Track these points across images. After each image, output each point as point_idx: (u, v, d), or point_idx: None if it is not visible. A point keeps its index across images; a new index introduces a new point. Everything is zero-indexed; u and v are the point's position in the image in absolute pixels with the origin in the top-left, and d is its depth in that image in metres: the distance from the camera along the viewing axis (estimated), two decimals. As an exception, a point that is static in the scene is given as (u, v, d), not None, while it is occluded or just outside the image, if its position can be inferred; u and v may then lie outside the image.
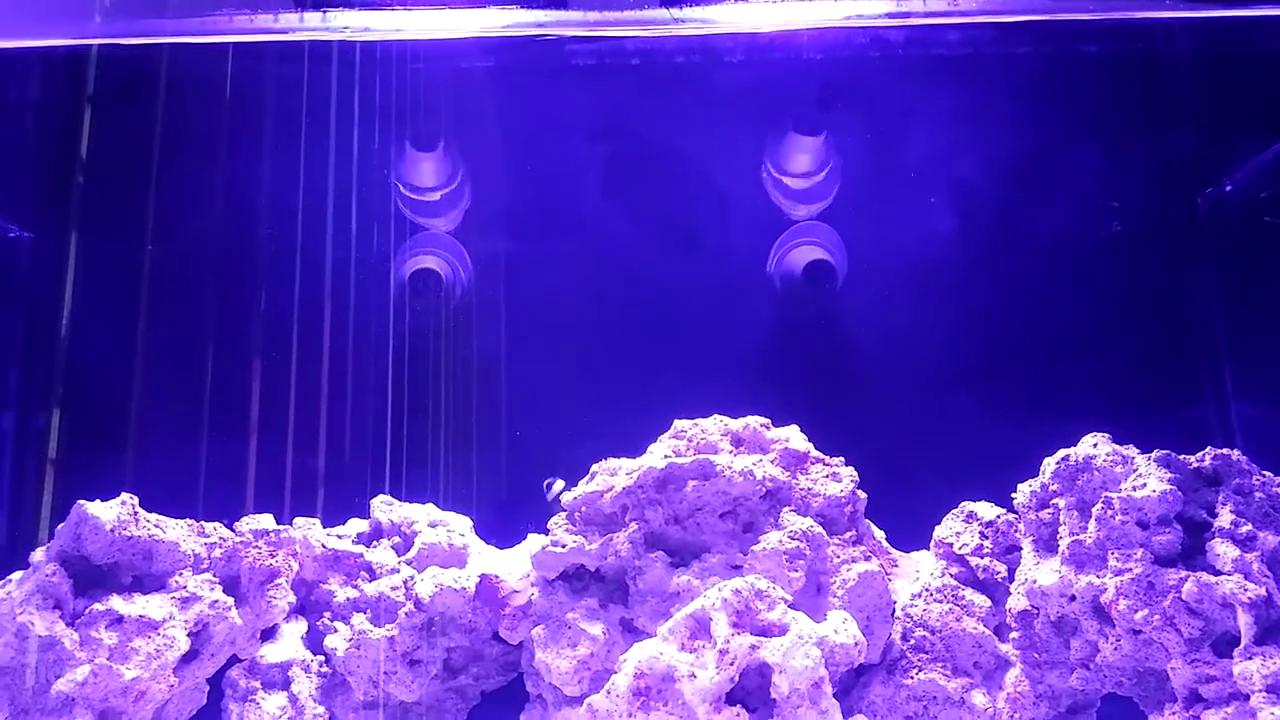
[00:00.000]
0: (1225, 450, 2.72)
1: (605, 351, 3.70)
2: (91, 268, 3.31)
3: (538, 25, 2.77)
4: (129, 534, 2.55)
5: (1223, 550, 2.52)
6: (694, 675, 2.32)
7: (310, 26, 2.76)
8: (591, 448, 2.89)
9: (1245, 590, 2.43)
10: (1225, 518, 2.58)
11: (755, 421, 2.95)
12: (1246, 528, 2.55)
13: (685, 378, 3.56)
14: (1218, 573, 2.50)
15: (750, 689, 2.40)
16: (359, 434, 3.44)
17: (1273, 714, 2.30)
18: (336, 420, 3.46)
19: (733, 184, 3.72)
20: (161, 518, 2.66)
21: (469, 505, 3.17)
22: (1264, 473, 2.70)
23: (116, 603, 2.46)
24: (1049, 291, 3.57)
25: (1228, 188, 3.66)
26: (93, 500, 2.60)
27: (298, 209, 3.47)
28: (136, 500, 2.62)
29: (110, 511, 2.56)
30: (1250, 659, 2.38)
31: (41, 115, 3.30)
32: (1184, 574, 2.50)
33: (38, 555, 2.53)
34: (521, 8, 2.77)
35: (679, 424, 2.94)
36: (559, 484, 2.87)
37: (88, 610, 2.44)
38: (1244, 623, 2.41)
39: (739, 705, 2.35)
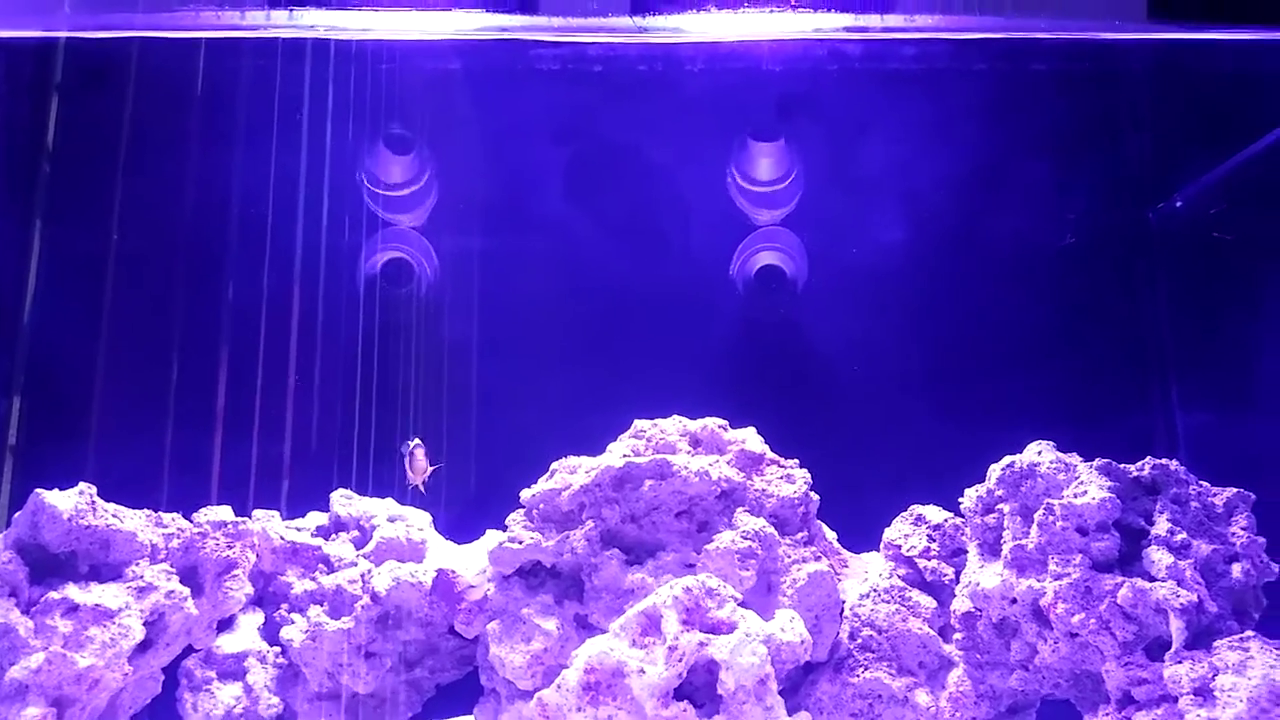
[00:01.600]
0: (1164, 460, 2.81)
1: (568, 350, 3.74)
2: (55, 256, 3.31)
3: (504, 30, 2.81)
4: (86, 523, 2.57)
5: (1158, 557, 2.60)
6: (643, 671, 2.37)
7: (278, 24, 2.78)
8: (552, 445, 2.93)
9: (1178, 596, 2.51)
10: (1162, 525, 2.67)
11: (713, 423, 3.00)
12: (1181, 536, 2.64)
13: (647, 378, 3.60)
14: (1152, 579, 2.58)
15: (698, 685, 2.46)
16: (321, 428, 3.46)
17: (1199, 715, 2.38)
18: (299, 414, 3.48)
19: (697, 189, 3.78)
20: (119, 508, 2.67)
21: (430, 501, 3.20)
22: (1201, 483, 2.79)
23: (72, 591, 2.48)
24: (1002, 300, 3.65)
25: (1178, 203, 3.76)
26: (51, 489, 2.61)
27: (264, 203, 3.48)
28: (95, 490, 2.64)
29: (68, 500, 2.58)
30: (1180, 663, 2.46)
31: (7, 104, 3.29)
32: (1120, 579, 2.58)
33: (-7, 543, 2.54)
34: (489, 11, 2.80)
35: (638, 424, 2.99)
36: (414, 441, 2.91)
37: (43, 598, 2.45)
38: (1175, 628, 2.49)
39: (686, 701, 2.41)
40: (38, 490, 2.58)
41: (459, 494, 3.49)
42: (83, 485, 2.62)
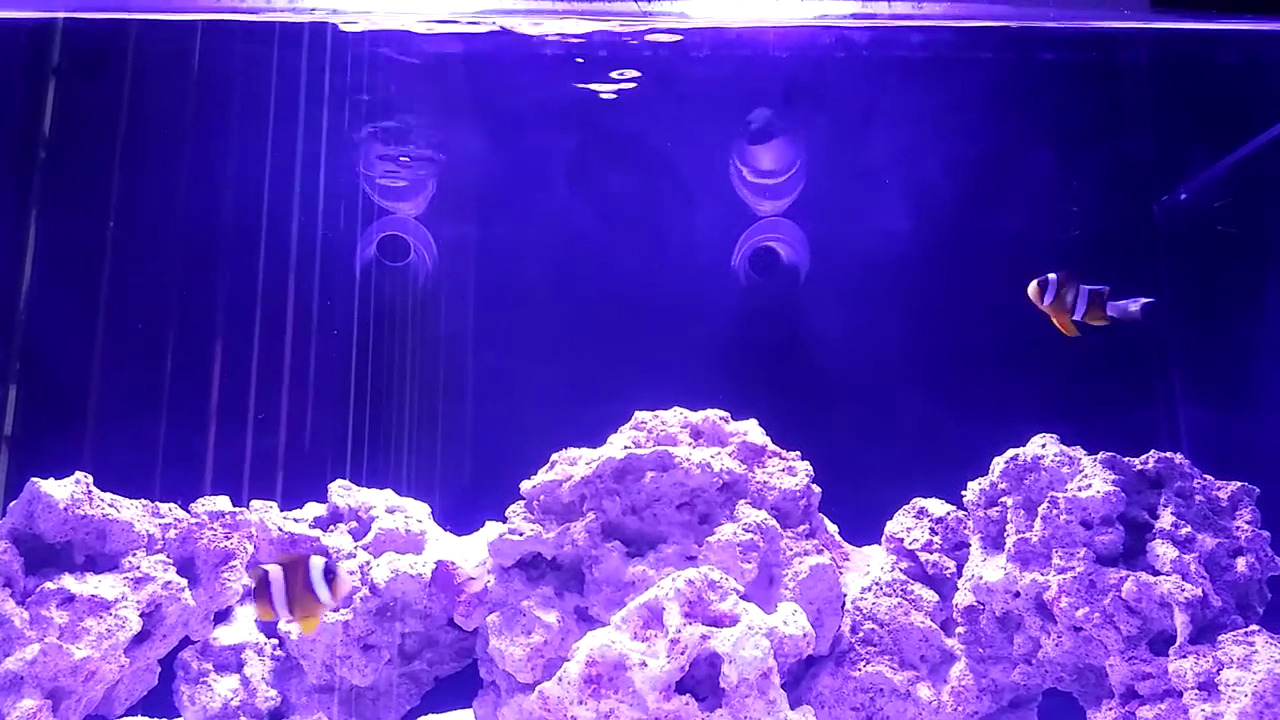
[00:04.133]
0: (1168, 454, 2.79)
1: (569, 341, 3.72)
2: (51, 244, 3.28)
3: (507, 13, 2.77)
4: (82, 513, 2.54)
5: (1162, 551, 2.59)
6: (645, 664, 2.35)
7: (279, 7, 2.74)
8: (552, 436, 2.91)
9: (1182, 590, 2.50)
10: (1166, 519, 2.65)
11: (715, 414, 2.98)
12: (1186, 530, 2.63)
13: (648, 369, 3.58)
14: (1157, 573, 2.57)
15: (700, 678, 2.44)
16: (319, 419, 3.43)
17: (1204, 710, 2.37)
18: (297, 404, 3.45)
19: (700, 179, 3.75)
20: (116, 497, 2.65)
21: (429, 492, 3.17)
22: (1205, 476, 2.78)
23: (68, 582, 2.46)
24: (1006, 293, 3.63)
25: (1183, 196, 3.74)
26: (47, 478, 2.58)
27: (261, 192, 3.45)
28: (91, 479, 2.61)
29: (64, 490, 2.55)
30: (1184, 657, 2.45)
31: (2, 88, 3.25)
32: (1124, 573, 2.57)
33: (-11, 532, 2.52)
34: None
35: (639, 415, 2.97)
36: None
37: (39, 589, 2.43)
38: (1180, 622, 2.48)
39: (689, 694, 2.39)
40: (33, 479, 2.55)
41: (458, 484, 3.47)
42: (79, 474, 2.59)
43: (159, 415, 3.36)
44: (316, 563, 2.06)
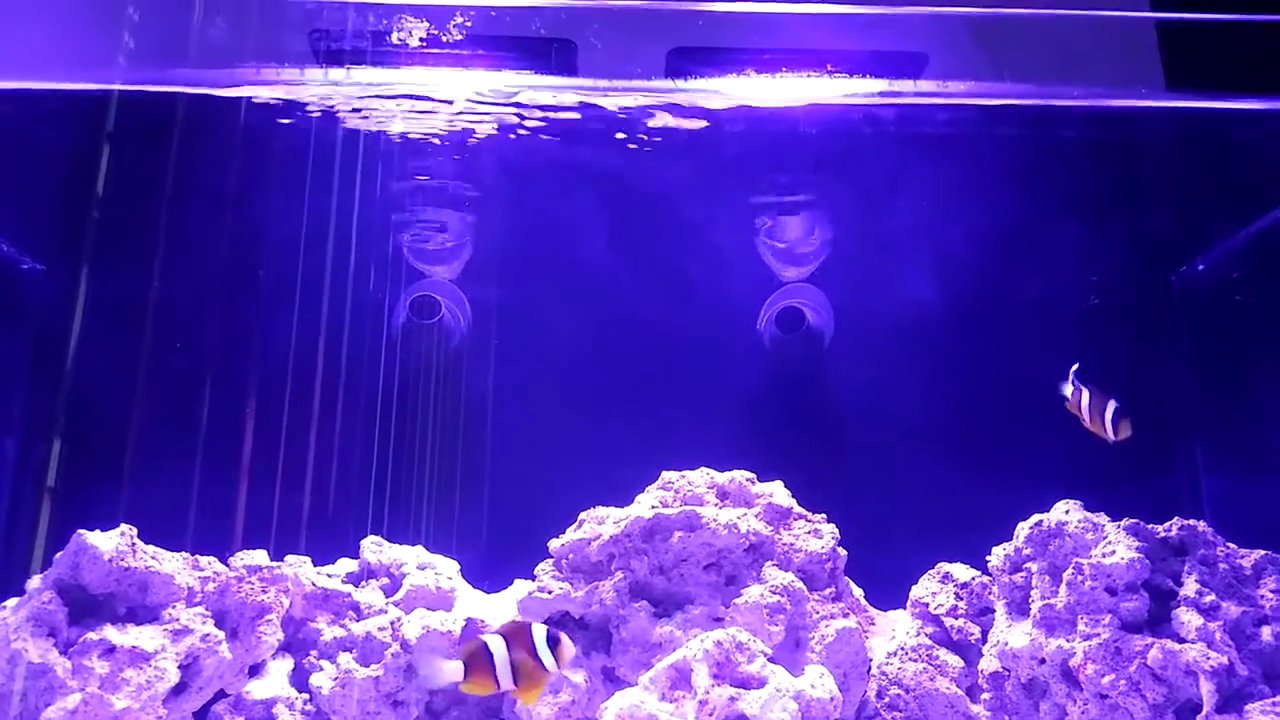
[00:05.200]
0: (1192, 521, 2.82)
1: (598, 401, 3.78)
2: (99, 302, 3.38)
3: (552, 90, 2.90)
4: (126, 565, 2.60)
5: (1187, 618, 2.60)
6: (673, 724, 2.37)
7: (332, 81, 2.87)
8: (581, 495, 2.96)
9: (1208, 659, 2.51)
10: (1190, 587, 2.67)
11: (741, 476, 3.03)
12: (1210, 597, 2.64)
13: (675, 430, 3.64)
14: (1182, 640, 2.58)
15: (728, 740, 2.45)
16: (351, 475, 3.50)
17: (1232, 780, 2.37)
18: (329, 461, 3.52)
19: (727, 245, 3.85)
20: (158, 550, 2.70)
21: (458, 549, 3.22)
22: (1229, 544, 2.80)
23: (110, 632, 2.51)
24: (1028, 361, 3.68)
25: (1200, 267, 3.81)
26: (92, 529, 2.64)
27: (299, 254, 3.56)
28: (135, 531, 2.67)
29: (109, 542, 2.61)
30: (1212, 726, 2.46)
31: (61, 153, 3.39)
32: (1150, 640, 2.58)
33: (34, 582, 2.58)
34: (535, 72, 2.90)
35: (666, 475, 3.02)
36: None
37: (81, 639, 2.48)
38: (1206, 690, 2.49)
39: (716, 755, 2.40)
40: (80, 531, 2.61)
41: (487, 542, 3.52)
42: (124, 527, 2.65)
43: (195, 470, 3.44)
44: (539, 631, 2.04)
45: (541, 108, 3.08)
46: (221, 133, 3.33)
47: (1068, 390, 2.75)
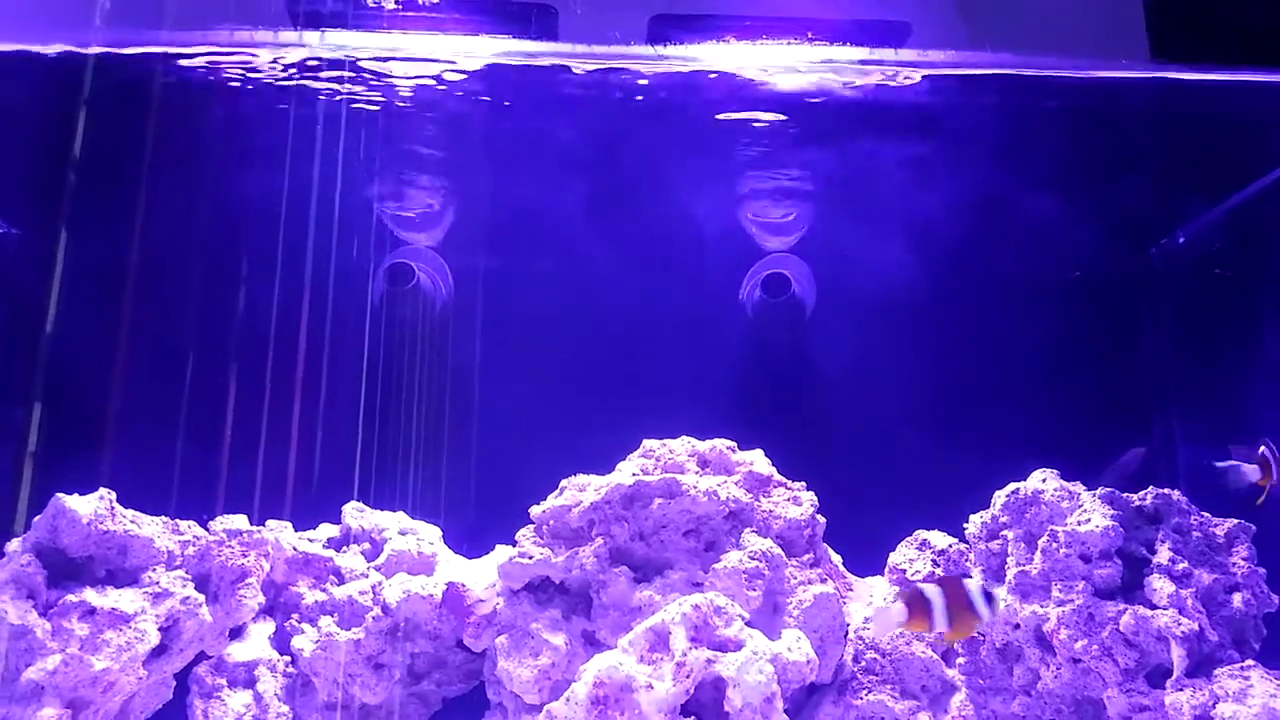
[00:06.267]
0: (1166, 490, 2.86)
1: (580, 370, 3.79)
2: (78, 267, 3.36)
3: (529, 55, 2.88)
4: (105, 528, 2.60)
5: (1160, 585, 2.64)
6: (651, 686, 2.40)
7: (306, 44, 2.84)
8: (562, 463, 2.97)
9: (1179, 624, 2.55)
10: (1164, 554, 2.71)
11: (722, 444, 3.04)
12: (1183, 565, 2.68)
13: (656, 399, 3.65)
14: (1154, 607, 2.62)
15: (705, 702, 2.48)
16: (333, 441, 3.50)
17: (1199, 742, 2.42)
18: (311, 426, 3.52)
19: (709, 215, 3.84)
20: (137, 514, 2.71)
21: (440, 515, 3.23)
22: (1202, 513, 2.84)
23: (90, 595, 2.51)
24: (1007, 332, 3.70)
25: (1180, 239, 3.83)
26: (71, 494, 2.64)
27: (280, 220, 3.54)
28: (114, 496, 2.67)
29: (88, 505, 2.61)
30: (1181, 690, 2.50)
31: (37, 116, 3.35)
32: (1123, 607, 2.62)
33: (13, 545, 2.57)
34: (514, 37, 2.87)
35: (648, 443, 3.03)
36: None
37: (61, 601, 2.48)
38: (1177, 655, 2.53)
39: (694, 717, 2.43)
40: (58, 495, 2.61)
41: (468, 509, 3.52)
42: (102, 490, 2.65)
43: (176, 434, 3.43)
44: (973, 584, 2.29)
45: (521, 73, 3.05)
46: (198, 96, 3.29)
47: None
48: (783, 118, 3.42)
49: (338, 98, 3.39)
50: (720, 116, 3.42)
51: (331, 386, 3.53)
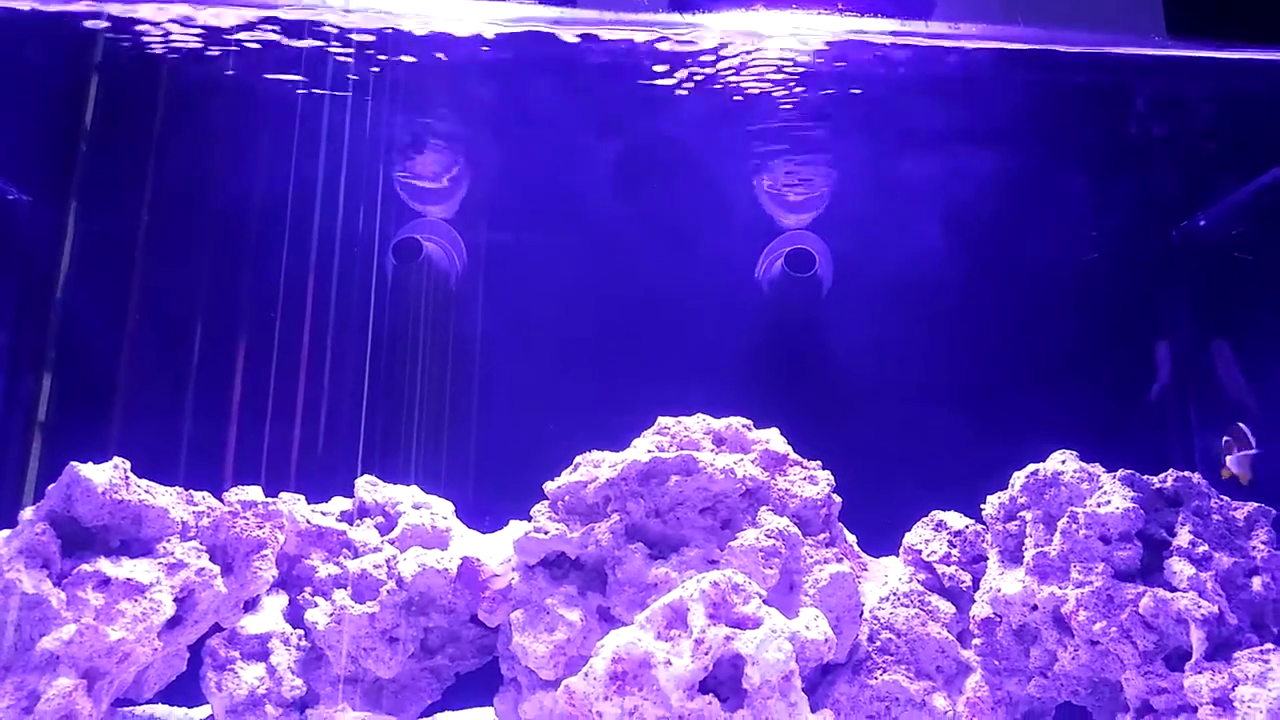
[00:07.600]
0: (1186, 473, 2.83)
1: (596, 346, 3.76)
2: (88, 235, 3.32)
3: (545, 21, 2.82)
4: (119, 498, 2.58)
5: (1179, 568, 2.63)
6: (669, 662, 2.38)
7: (313, 4, 2.79)
8: (577, 439, 2.95)
9: (1199, 607, 2.53)
10: (1183, 537, 2.69)
11: (738, 422, 3.02)
12: (1203, 548, 2.66)
13: (672, 376, 3.62)
14: (1174, 589, 2.61)
15: (723, 679, 2.47)
16: (345, 415, 3.47)
17: (1219, 725, 2.41)
18: (322, 399, 3.49)
19: (727, 191, 3.80)
20: (152, 484, 2.69)
21: (452, 489, 3.21)
22: (1222, 497, 2.82)
23: (104, 565, 2.49)
24: (1027, 313, 3.68)
25: (1201, 223, 3.79)
26: (85, 463, 2.61)
27: (292, 192, 3.50)
28: (128, 465, 2.65)
29: (102, 474, 2.59)
30: (1200, 673, 2.48)
31: (48, 81, 3.30)
32: (1142, 589, 2.60)
33: (27, 514, 2.55)
34: (537, 3, 2.82)
35: (663, 421, 3.01)
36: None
37: (75, 570, 2.46)
38: (1196, 638, 2.51)
39: (711, 694, 2.42)
40: (73, 464, 2.59)
41: (482, 483, 3.51)
42: (117, 460, 2.63)
43: (186, 406, 3.41)
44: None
45: (541, 39, 3.00)
46: (209, 64, 3.24)
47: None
48: (803, 90, 3.38)
49: (352, 63, 3.33)
50: (743, 87, 3.37)
51: (344, 359, 3.50)
